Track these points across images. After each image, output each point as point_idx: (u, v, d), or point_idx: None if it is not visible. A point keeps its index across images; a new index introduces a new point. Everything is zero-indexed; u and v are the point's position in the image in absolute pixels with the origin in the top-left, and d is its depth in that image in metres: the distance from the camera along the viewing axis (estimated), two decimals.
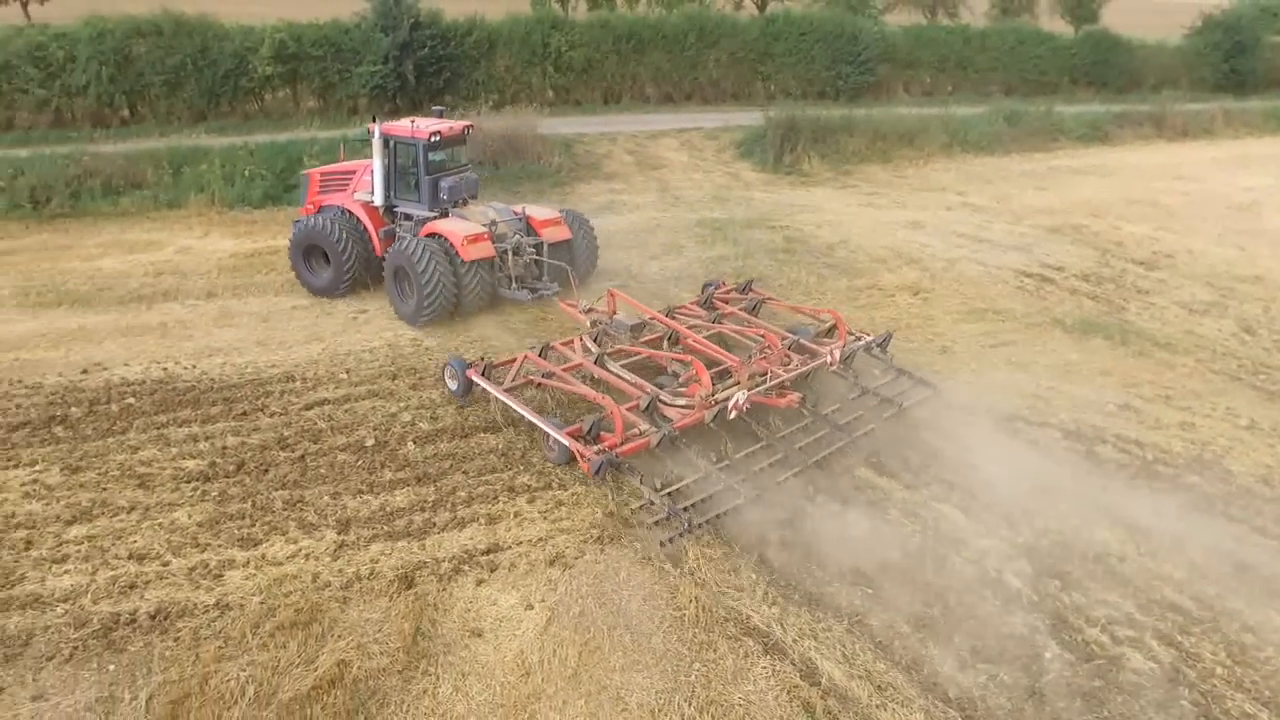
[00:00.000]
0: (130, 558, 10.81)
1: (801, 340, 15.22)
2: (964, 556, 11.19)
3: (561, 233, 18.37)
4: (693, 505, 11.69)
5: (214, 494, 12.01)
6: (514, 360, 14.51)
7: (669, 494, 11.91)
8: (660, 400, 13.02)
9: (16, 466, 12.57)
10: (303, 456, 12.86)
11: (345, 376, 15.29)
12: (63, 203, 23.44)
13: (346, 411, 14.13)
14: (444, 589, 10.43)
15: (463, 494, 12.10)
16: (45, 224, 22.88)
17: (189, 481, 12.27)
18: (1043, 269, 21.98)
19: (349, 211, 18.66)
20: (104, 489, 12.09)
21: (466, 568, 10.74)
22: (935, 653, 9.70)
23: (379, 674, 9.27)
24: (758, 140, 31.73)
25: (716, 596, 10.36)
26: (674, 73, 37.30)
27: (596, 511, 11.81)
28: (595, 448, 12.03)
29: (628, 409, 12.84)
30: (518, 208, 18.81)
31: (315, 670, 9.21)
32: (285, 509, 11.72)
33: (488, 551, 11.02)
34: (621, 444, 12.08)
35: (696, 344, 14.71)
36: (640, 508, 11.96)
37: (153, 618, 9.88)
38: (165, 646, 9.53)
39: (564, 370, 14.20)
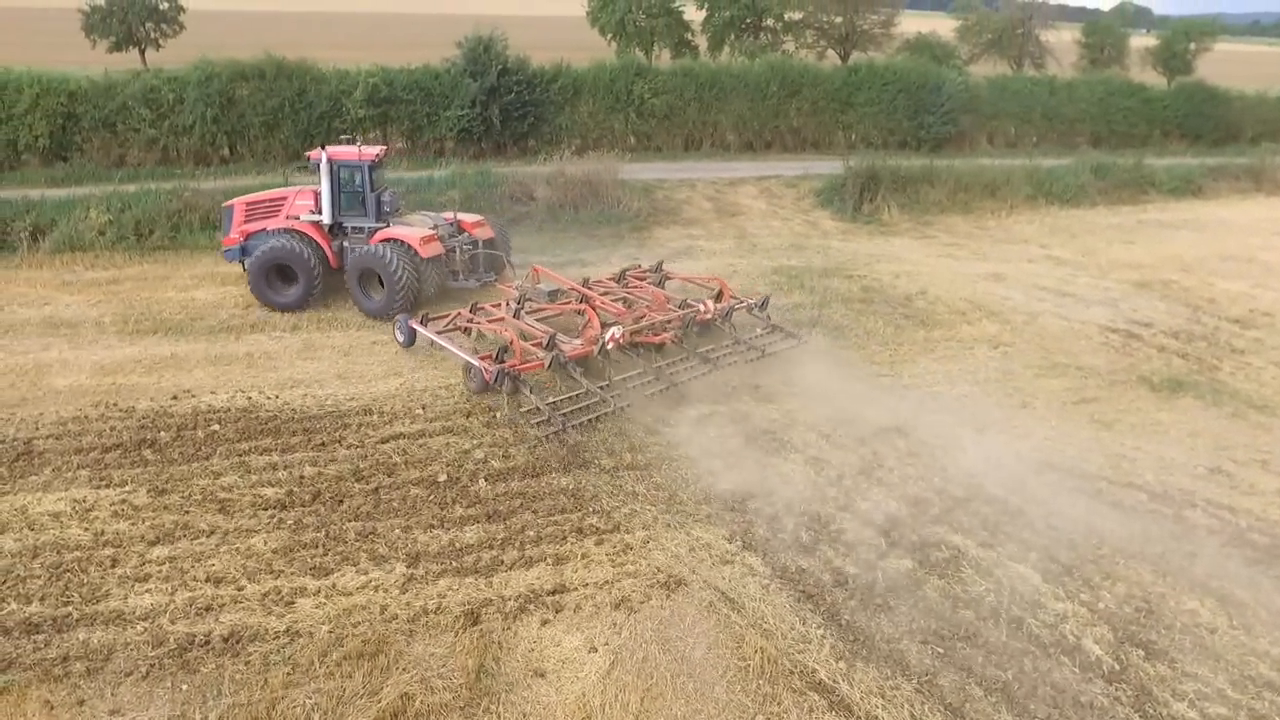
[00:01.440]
0: (208, 580, 11.12)
1: (689, 300, 18.60)
2: (1040, 619, 10.81)
3: (487, 231, 21.44)
4: (570, 411, 15.09)
5: (290, 522, 12.30)
6: (448, 315, 17.90)
7: (551, 403, 15.19)
8: (558, 338, 16.36)
9: (108, 486, 13.09)
10: (377, 489, 13.11)
11: (421, 412, 15.57)
12: (164, 236, 24.55)
13: (421, 446, 14.38)
14: (509, 627, 10.46)
15: (531, 533, 12.17)
16: (147, 256, 23.94)
17: (267, 509, 12.60)
18: (1129, 325, 21.34)
19: (299, 232, 20.24)
20: (187, 512, 12.50)
21: (532, 607, 10.77)
22: (1009, 719, 9.35)
23: (441, 709, 9.31)
24: (837, 189, 31.64)
25: (783, 648, 10.18)
26: (755, 121, 37.53)
27: (664, 557, 11.75)
28: (496, 364, 15.46)
29: (532, 344, 16.18)
30: (447, 214, 21.61)
31: (379, 702, 9.30)
32: (357, 540, 11.94)
33: (554, 592, 11.04)
34: (520, 364, 15.66)
35: (600, 304, 18.29)
36: (527, 412, 15.25)
37: (226, 640, 10.14)
38: (236, 669, 9.74)
39: (488, 322, 17.59)
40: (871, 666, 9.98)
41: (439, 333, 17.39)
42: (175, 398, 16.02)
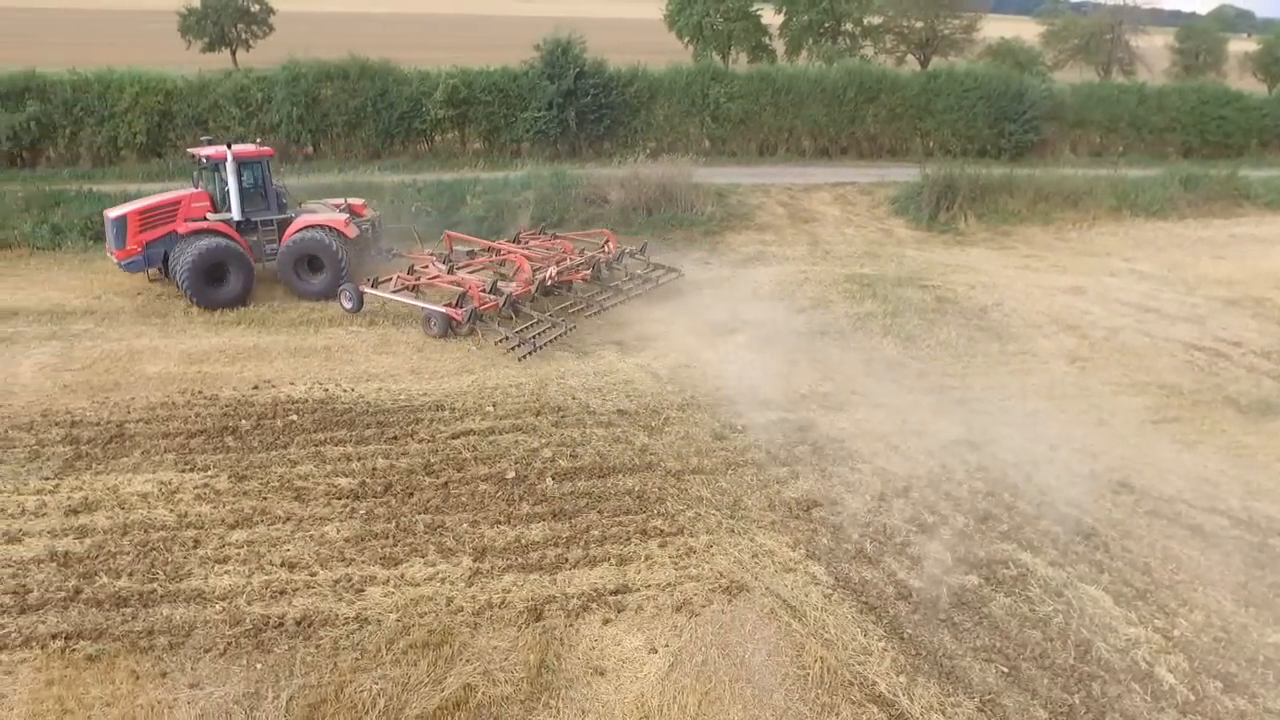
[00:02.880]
0: (283, 565, 11.51)
1: (587, 250, 23.00)
2: (1110, 644, 10.55)
3: (370, 212, 23.47)
4: (535, 335, 18.19)
5: (362, 512, 12.65)
6: (391, 277, 20.31)
7: (519, 331, 18.36)
8: (499, 281, 19.99)
9: (192, 470, 13.63)
10: (446, 484, 13.39)
11: (491, 409, 15.85)
12: None
13: (490, 443, 14.64)
14: (571, 625, 10.60)
15: (596, 533, 12.31)
16: None
17: (340, 498, 12.97)
18: (1217, 343, 20.61)
19: (220, 231, 20.70)
20: (265, 498, 12.94)
21: (594, 606, 10.90)
22: None
23: (502, 701, 9.49)
24: (913, 197, 31.21)
25: (843, 659, 10.13)
26: (831, 126, 37.21)
27: (727, 562, 11.78)
28: (462, 309, 18.71)
29: (479, 291, 19.28)
30: (337, 201, 23.19)
31: (442, 691, 9.53)
32: (426, 533, 12.22)
33: (616, 592, 11.15)
34: (480, 305, 18.81)
35: (515, 258, 21.81)
36: (499, 342, 18.37)
37: (298, 624, 10.49)
38: (307, 652, 10.07)
39: (429, 279, 20.39)
40: (933, 682, 9.87)
41: (393, 292, 19.89)
42: (256, 387, 16.58)
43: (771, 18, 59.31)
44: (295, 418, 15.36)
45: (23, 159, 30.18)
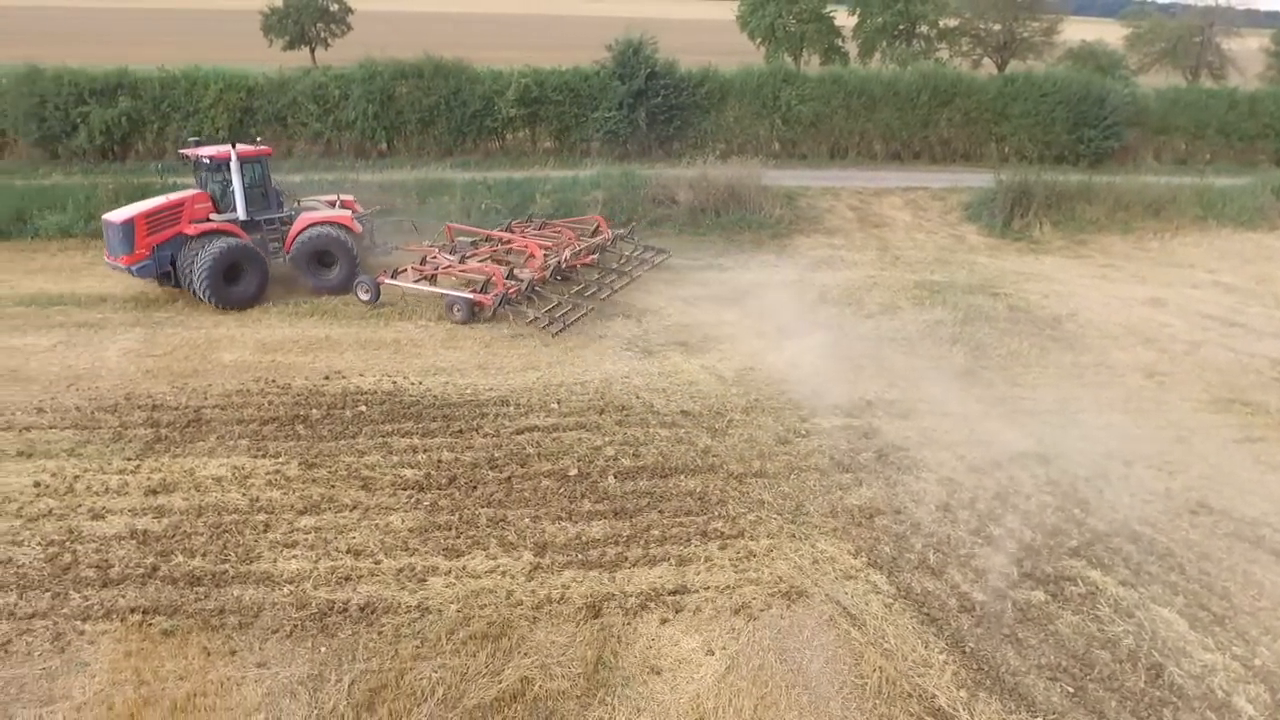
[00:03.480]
0: (348, 552, 11.76)
1: (587, 236, 23.95)
2: (1185, 669, 10.21)
3: (362, 208, 23.58)
4: (561, 315, 19.63)
5: (426, 503, 12.85)
6: (406, 269, 21.06)
7: (547, 311, 19.72)
8: (515, 270, 20.91)
9: (264, 456, 14.00)
10: (509, 478, 13.53)
11: (556, 406, 15.97)
12: None
13: (554, 440, 14.75)
14: (629, 623, 10.63)
15: (656, 532, 12.32)
16: None
17: (405, 489, 13.20)
18: None
19: (229, 232, 20.61)
20: (333, 486, 13.23)
21: (653, 605, 10.91)
22: None
23: (558, 696, 9.56)
24: (986, 203, 30.58)
25: (902, 670, 9.98)
26: (903, 130, 36.66)
27: (787, 567, 11.70)
28: (490, 295, 19.72)
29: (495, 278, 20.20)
30: (330, 197, 23.25)
31: (500, 682, 9.64)
32: (489, 526, 12.36)
33: (675, 592, 11.15)
34: (505, 291, 19.62)
35: (528, 245, 22.50)
36: (530, 322, 19.47)
37: (362, 610, 10.71)
38: (369, 638, 10.29)
39: (443, 268, 21.13)
40: (995, 699, 9.67)
41: (415, 282, 20.78)
42: (327, 378, 16.96)
43: (845, 20, 58.67)
44: (364, 409, 15.67)
45: (114, 153, 31.34)
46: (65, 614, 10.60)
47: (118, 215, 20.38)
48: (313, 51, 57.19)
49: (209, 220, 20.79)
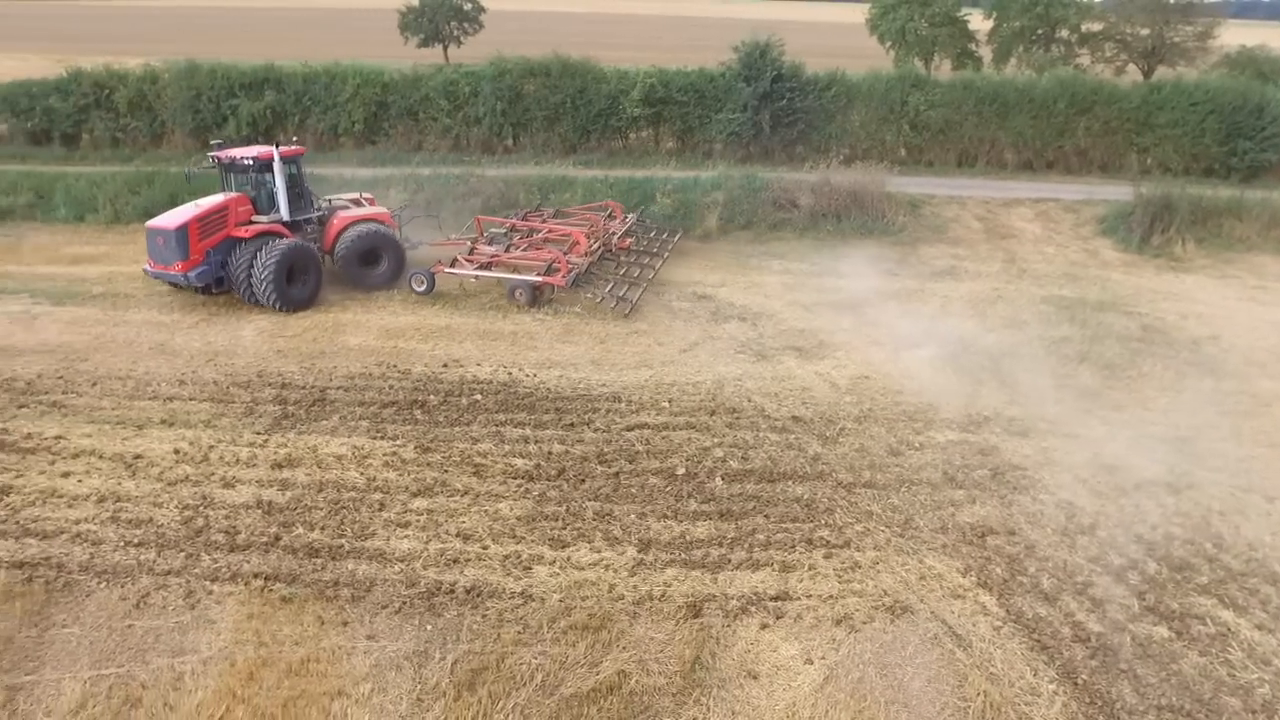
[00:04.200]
0: (458, 536, 12.09)
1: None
2: None
3: (379, 206, 23.72)
4: (623, 293, 20.98)
5: (535, 493, 13.10)
6: (455, 260, 21.68)
7: (610, 291, 20.86)
8: (563, 254, 21.79)
9: (382, 439, 14.53)
10: (617, 474, 13.66)
11: (667, 405, 16.03)
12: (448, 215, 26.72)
13: (663, 438, 14.81)
14: (728, 625, 10.59)
15: (761, 537, 12.24)
16: None
17: (515, 478, 13.48)
18: None
19: (281, 234, 20.49)
20: (446, 471, 13.63)
21: (753, 609, 10.84)
22: None
23: (654, 692, 9.60)
24: (1123, 217, 29.12)
25: (1008, 696, 9.64)
26: (1037, 139, 35.28)
27: (893, 580, 11.44)
28: (558, 275, 20.79)
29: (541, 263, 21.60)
30: (352, 195, 23.60)
31: (597, 674, 9.76)
32: (595, 520, 12.51)
33: (776, 598, 11.05)
34: (569, 273, 20.76)
35: (562, 233, 23.51)
36: (599, 302, 20.60)
37: (468, 592, 11.02)
38: (474, 620, 10.57)
39: (492, 257, 22.06)
40: None
41: (478, 267, 21.69)
42: (445, 365, 17.47)
43: (979, 24, 56.90)
44: (479, 397, 16.07)
45: (258, 143, 33.02)
46: (197, 574, 11.29)
47: (168, 221, 19.95)
48: (445, 49, 58.93)
49: (252, 223, 20.55)
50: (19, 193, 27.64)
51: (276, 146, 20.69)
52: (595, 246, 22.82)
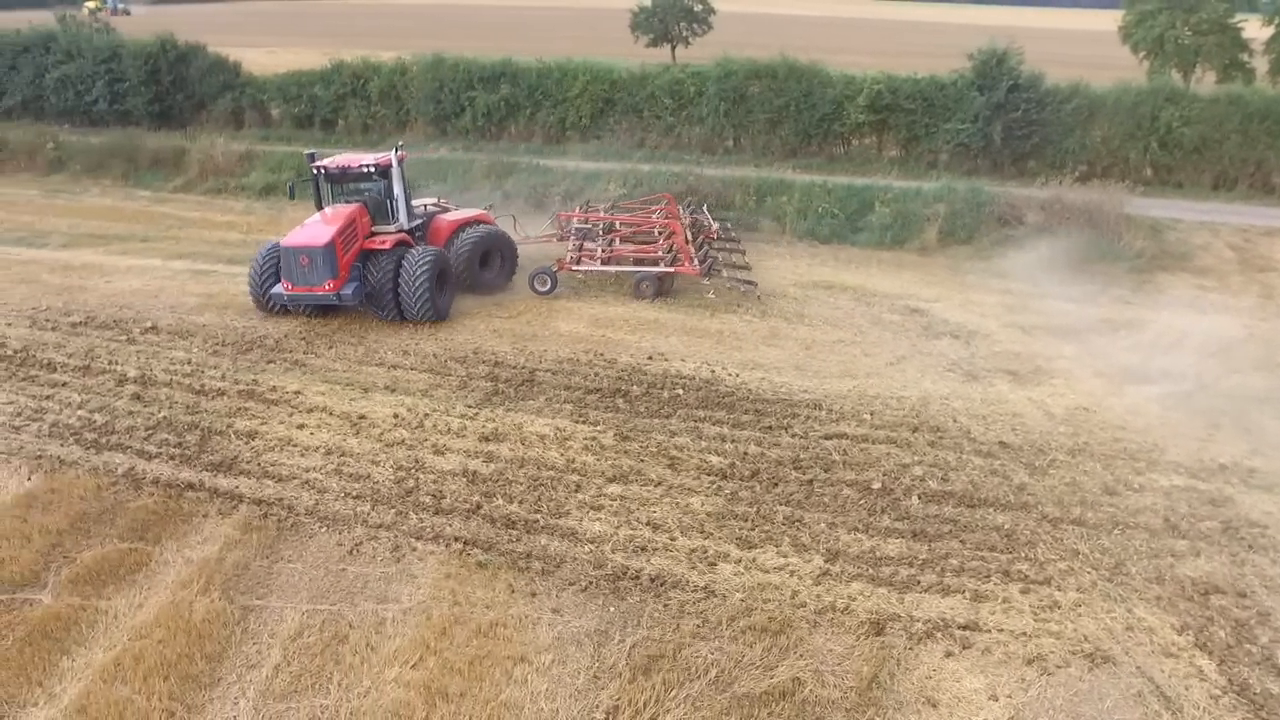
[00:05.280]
0: (647, 524, 12.39)
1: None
2: None
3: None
4: (746, 281, 21.52)
5: (727, 492, 13.20)
6: (565, 260, 21.83)
7: (735, 279, 21.44)
8: (671, 249, 22.04)
9: (584, 423, 15.10)
10: (811, 481, 13.53)
11: (868, 417, 15.69)
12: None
13: (861, 450, 14.53)
14: (911, 648, 10.29)
15: (954, 562, 11.78)
16: None
17: (709, 475, 13.64)
18: None
19: (409, 244, 19.87)
20: (642, 460, 13.98)
21: (939, 635, 10.47)
22: None
23: (827, 704, 9.48)
24: None
25: None
26: None
27: (1095, 626, 10.71)
28: (685, 264, 21.27)
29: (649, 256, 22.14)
30: (431, 199, 23.14)
31: (772, 677, 9.74)
32: (784, 524, 12.47)
33: (965, 627, 10.61)
34: (694, 261, 21.45)
35: (650, 225, 23.98)
36: (730, 288, 21.12)
37: (652, 580, 11.29)
38: (655, 608, 10.81)
39: (606, 252, 22.56)
40: None
41: (604, 262, 22.12)
42: (650, 358, 17.88)
43: (1255, 31, 51.61)
44: (681, 392, 16.35)
45: (491, 134, 35.03)
46: (404, 530, 12.21)
47: (312, 238, 18.57)
48: (673, 49, 59.92)
49: (376, 234, 19.66)
50: (284, 170, 30.80)
51: (395, 151, 19.93)
52: (699, 237, 23.29)
